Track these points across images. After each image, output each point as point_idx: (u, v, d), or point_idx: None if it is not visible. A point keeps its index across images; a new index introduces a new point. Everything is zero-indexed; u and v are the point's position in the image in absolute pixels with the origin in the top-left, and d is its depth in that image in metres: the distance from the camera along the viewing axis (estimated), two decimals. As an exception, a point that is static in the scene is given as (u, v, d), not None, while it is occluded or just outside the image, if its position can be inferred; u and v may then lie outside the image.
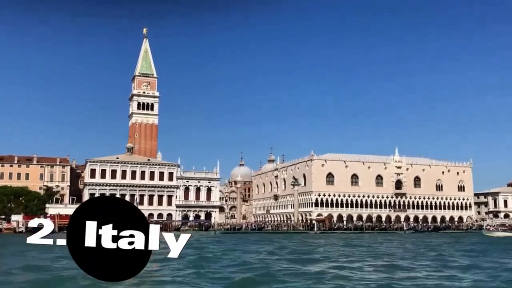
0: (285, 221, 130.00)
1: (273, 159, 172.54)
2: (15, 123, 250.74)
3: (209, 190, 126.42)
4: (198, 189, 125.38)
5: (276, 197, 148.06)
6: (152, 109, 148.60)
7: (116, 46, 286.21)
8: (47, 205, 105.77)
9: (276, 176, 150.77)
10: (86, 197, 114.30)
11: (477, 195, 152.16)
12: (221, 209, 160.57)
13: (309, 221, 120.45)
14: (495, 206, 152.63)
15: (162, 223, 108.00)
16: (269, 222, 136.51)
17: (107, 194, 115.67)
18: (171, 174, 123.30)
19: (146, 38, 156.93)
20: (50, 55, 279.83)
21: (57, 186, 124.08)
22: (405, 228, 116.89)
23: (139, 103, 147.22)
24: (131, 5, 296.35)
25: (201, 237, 75.86)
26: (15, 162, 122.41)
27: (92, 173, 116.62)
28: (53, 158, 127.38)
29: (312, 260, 34.00)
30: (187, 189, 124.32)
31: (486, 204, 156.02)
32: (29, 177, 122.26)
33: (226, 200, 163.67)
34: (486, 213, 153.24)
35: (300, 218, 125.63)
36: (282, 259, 34.71)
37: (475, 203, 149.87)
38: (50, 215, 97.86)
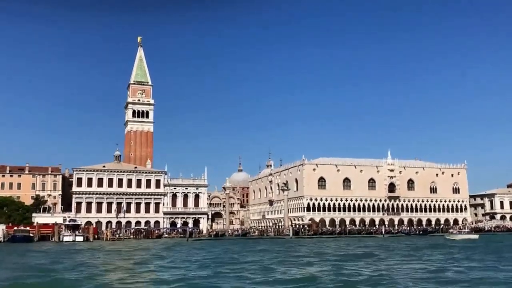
0: (272, 226, 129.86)
1: (271, 164, 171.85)
2: (7, 132, 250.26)
3: (197, 196, 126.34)
4: (185, 196, 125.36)
5: (271, 202, 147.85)
6: (147, 116, 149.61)
7: (111, 54, 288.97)
8: (33, 214, 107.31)
9: (271, 181, 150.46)
10: (74, 205, 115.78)
11: (473, 196, 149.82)
12: (219, 214, 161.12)
13: (296, 226, 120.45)
14: (492, 207, 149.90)
15: (145, 230, 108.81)
16: (258, 227, 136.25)
17: (94, 203, 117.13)
18: (158, 181, 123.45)
19: (141, 47, 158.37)
20: (44, 63, 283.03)
21: (49, 195, 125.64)
22: (383, 232, 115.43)
23: (134, 111, 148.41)
24: (125, 14, 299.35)
25: (166, 244, 76.28)
26: (7, 172, 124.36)
27: (79, 181, 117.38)
28: (45, 168, 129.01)
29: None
30: (174, 196, 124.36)
31: (482, 205, 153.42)
32: (21, 187, 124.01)
33: (223, 206, 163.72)
34: (483, 214, 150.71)
35: (290, 223, 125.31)
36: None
37: (472, 205, 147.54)
38: (36, 223, 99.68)
